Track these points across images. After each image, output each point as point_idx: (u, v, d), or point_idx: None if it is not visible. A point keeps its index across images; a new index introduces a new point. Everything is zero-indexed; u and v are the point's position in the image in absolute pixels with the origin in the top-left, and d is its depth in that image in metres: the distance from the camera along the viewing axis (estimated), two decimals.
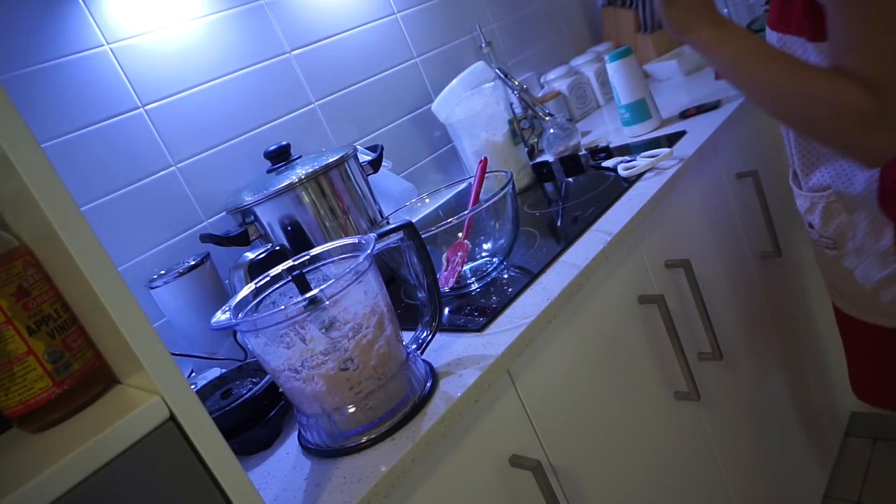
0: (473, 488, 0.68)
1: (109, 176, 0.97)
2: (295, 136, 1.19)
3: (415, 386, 0.68)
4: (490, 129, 1.26)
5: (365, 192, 1.07)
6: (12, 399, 0.45)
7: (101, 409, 0.46)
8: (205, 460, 0.45)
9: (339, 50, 1.29)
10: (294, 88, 1.21)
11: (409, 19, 1.43)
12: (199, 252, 1.00)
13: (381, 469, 0.59)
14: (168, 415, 0.44)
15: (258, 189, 0.99)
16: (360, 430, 0.64)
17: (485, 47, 1.55)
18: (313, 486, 0.61)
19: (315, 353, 0.61)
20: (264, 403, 0.75)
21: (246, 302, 0.68)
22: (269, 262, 0.81)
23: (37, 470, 0.39)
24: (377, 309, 0.65)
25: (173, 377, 0.44)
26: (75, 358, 0.47)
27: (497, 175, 0.95)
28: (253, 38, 1.16)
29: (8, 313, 0.44)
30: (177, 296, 0.93)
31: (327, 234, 1.01)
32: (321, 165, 0.98)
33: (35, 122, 0.91)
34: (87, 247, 0.42)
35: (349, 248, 0.72)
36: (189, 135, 1.06)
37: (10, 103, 0.41)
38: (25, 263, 0.46)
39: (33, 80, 0.91)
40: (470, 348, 0.73)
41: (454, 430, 0.66)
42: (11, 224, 0.50)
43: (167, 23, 1.04)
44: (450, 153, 1.48)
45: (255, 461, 0.72)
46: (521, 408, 0.74)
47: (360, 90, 1.32)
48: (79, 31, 0.95)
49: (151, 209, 1.00)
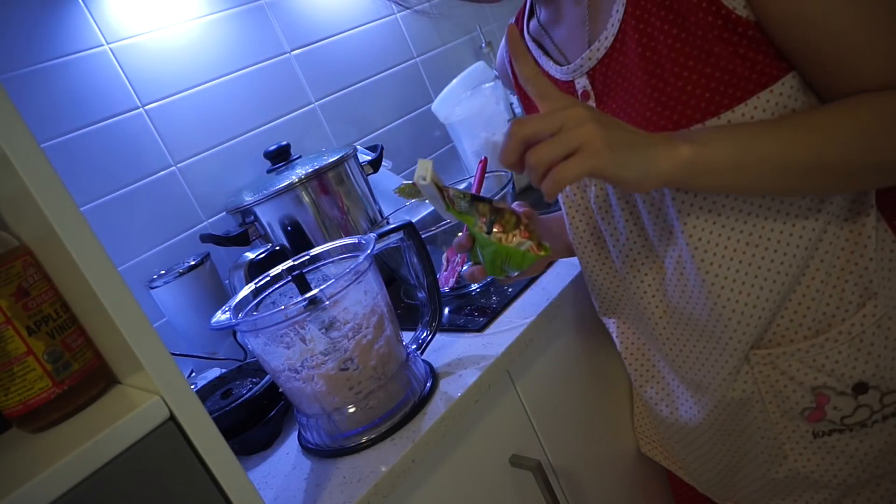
0: (473, 488, 0.68)
1: (109, 176, 0.97)
2: (295, 136, 1.19)
3: (415, 386, 0.68)
4: (490, 129, 1.26)
5: (365, 192, 1.07)
6: (12, 399, 0.45)
7: (100, 409, 0.46)
8: (205, 460, 0.45)
9: (339, 50, 1.29)
10: (294, 88, 1.21)
11: (409, 19, 1.43)
12: (199, 252, 1.00)
13: (381, 469, 0.59)
14: (168, 415, 0.44)
15: (258, 189, 0.98)
16: (360, 430, 0.64)
17: (485, 47, 1.55)
18: (313, 486, 0.61)
19: (315, 353, 0.61)
20: (264, 403, 0.75)
21: (246, 302, 0.68)
22: (269, 262, 0.81)
23: (37, 470, 0.39)
24: (377, 309, 0.65)
25: (173, 377, 0.44)
26: (75, 358, 0.47)
27: (497, 175, 0.95)
28: (253, 38, 1.16)
29: (8, 313, 0.44)
30: (177, 296, 0.93)
31: (327, 234, 1.01)
32: (321, 165, 0.98)
33: (35, 122, 0.91)
34: (86, 247, 0.42)
35: (349, 248, 0.72)
36: (189, 135, 1.06)
37: (10, 103, 0.40)
38: (25, 263, 0.46)
39: (33, 79, 0.91)
40: (470, 348, 0.73)
41: (454, 430, 0.66)
42: (11, 224, 0.50)
43: (167, 22, 1.04)
44: (450, 153, 1.48)
45: (255, 461, 0.72)
46: (522, 408, 0.74)
47: (360, 90, 1.32)
48: (78, 31, 0.95)
49: (151, 209, 1.00)
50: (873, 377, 0.56)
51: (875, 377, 0.56)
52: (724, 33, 0.50)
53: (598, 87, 0.61)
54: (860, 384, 0.57)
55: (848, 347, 0.56)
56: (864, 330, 0.55)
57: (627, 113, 0.58)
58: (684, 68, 0.53)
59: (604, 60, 0.59)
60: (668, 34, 0.53)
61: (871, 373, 0.56)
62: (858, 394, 0.57)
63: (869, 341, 0.56)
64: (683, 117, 0.54)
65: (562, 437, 0.78)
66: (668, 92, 0.54)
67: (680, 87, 0.53)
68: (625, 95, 0.59)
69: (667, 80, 0.54)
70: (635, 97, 0.57)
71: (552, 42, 0.67)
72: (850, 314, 0.56)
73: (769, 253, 0.55)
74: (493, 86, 1.28)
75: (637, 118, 0.57)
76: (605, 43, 0.58)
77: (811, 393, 0.58)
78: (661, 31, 0.54)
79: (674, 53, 0.53)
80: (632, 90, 0.57)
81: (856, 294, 0.56)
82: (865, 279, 0.55)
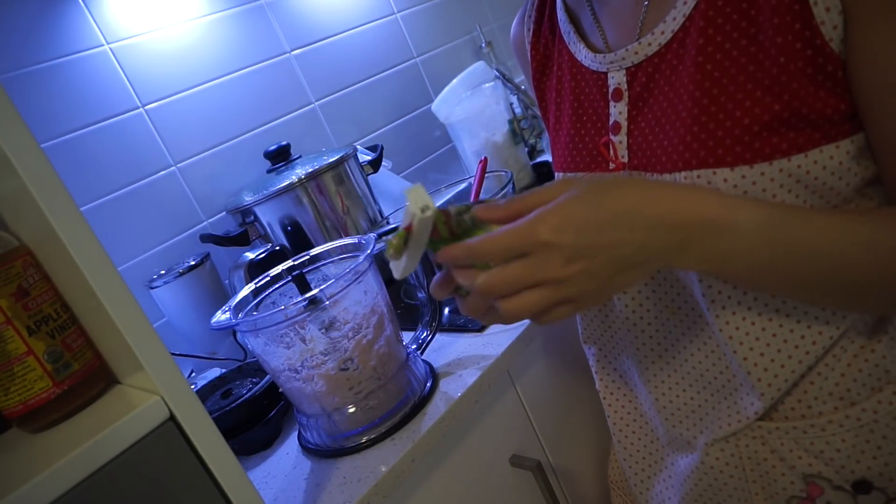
0: (473, 488, 0.68)
1: (109, 176, 0.97)
2: (295, 136, 1.19)
3: (415, 386, 0.68)
4: (490, 129, 1.26)
5: (365, 192, 1.07)
6: (12, 399, 0.45)
7: (100, 410, 0.46)
8: (205, 460, 0.45)
9: (339, 50, 1.29)
10: (294, 88, 1.21)
11: (409, 19, 1.43)
12: (199, 252, 1.00)
13: (381, 469, 0.59)
14: (168, 415, 0.44)
15: (258, 189, 0.98)
16: (360, 430, 0.64)
17: (485, 47, 1.55)
18: (313, 486, 0.61)
19: (315, 353, 0.61)
20: (264, 403, 0.75)
21: (246, 302, 0.68)
22: (269, 262, 0.81)
23: (37, 470, 0.39)
24: (377, 309, 0.65)
25: (173, 377, 0.44)
26: (75, 358, 0.47)
27: (497, 175, 0.95)
28: (253, 38, 1.16)
29: (8, 313, 0.44)
30: (177, 296, 0.93)
31: (327, 234, 1.01)
32: (321, 165, 0.98)
33: (35, 122, 0.91)
34: (86, 247, 0.42)
35: (349, 248, 0.72)
36: (189, 135, 1.06)
37: (9, 103, 0.40)
38: (25, 263, 0.46)
39: (33, 80, 0.91)
40: (470, 348, 0.73)
41: (454, 430, 0.66)
42: (11, 224, 0.50)
43: (167, 22, 1.04)
44: (450, 153, 1.48)
45: (255, 461, 0.72)
46: (522, 408, 0.74)
47: (360, 90, 1.32)
48: (78, 31, 0.95)
49: (151, 209, 1.00)
50: (880, 477, 0.46)
51: (882, 477, 0.46)
52: (809, 68, 0.41)
53: (635, 89, 0.51)
54: (863, 482, 0.47)
55: (855, 436, 0.46)
56: (878, 419, 0.46)
57: (663, 128, 0.49)
58: (749, 96, 0.43)
59: (653, 59, 0.49)
60: (742, 50, 0.43)
61: (878, 471, 0.46)
62: (858, 493, 0.47)
63: (881, 433, 0.46)
64: (729, 153, 0.44)
65: (562, 437, 0.78)
66: (719, 119, 0.44)
67: (737, 117, 0.43)
68: (665, 107, 0.49)
69: (723, 104, 0.44)
70: (677, 113, 0.47)
71: (592, 15, 0.55)
72: (862, 398, 0.46)
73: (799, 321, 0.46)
74: (493, 86, 1.28)
75: (672, 137, 0.48)
76: (659, 38, 0.48)
77: (802, 480, 0.49)
78: (733, 44, 0.44)
79: (742, 76, 0.43)
80: (675, 103, 0.47)
81: (873, 376, 0.46)
82: (889, 360, 0.46)
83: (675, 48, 0.47)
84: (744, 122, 0.43)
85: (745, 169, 0.43)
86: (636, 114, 0.51)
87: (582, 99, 0.57)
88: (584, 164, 0.57)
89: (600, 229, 0.38)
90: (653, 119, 0.49)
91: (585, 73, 0.55)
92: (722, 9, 0.44)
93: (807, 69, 0.41)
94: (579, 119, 0.57)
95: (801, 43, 0.40)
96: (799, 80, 0.41)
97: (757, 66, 0.43)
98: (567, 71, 0.58)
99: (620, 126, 0.53)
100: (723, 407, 0.51)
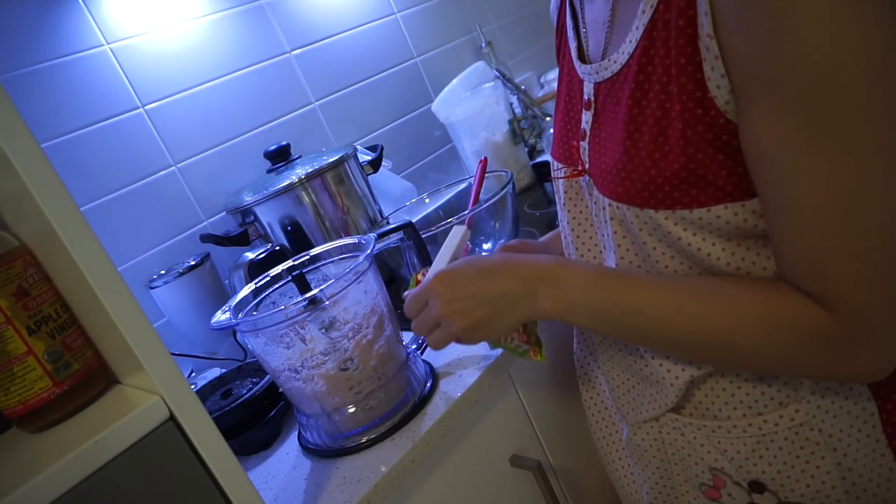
0: (473, 488, 0.68)
1: (109, 176, 0.97)
2: (295, 136, 1.19)
3: (415, 386, 0.68)
4: (490, 129, 1.26)
5: (365, 192, 1.07)
6: (12, 399, 0.45)
7: (100, 410, 0.46)
8: (205, 460, 0.45)
9: (339, 50, 1.29)
10: (294, 88, 1.21)
11: (409, 19, 1.43)
12: (199, 252, 1.00)
13: (381, 469, 0.59)
14: (168, 415, 0.44)
15: (258, 189, 0.98)
16: (360, 430, 0.64)
17: (485, 47, 1.55)
18: (313, 486, 0.61)
19: (315, 353, 0.61)
20: (264, 403, 0.75)
21: (246, 302, 0.68)
22: (269, 262, 0.81)
23: (37, 470, 0.39)
24: (377, 309, 0.65)
25: (173, 377, 0.44)
26: (75, 358, 0.47)
27: (497, 175, 0.95)
28: (253, 38, 1.16)
29: (8, 313, 0.44)
30: (177, 296, 0.93)
31: (327, 234, 1.01)
32: (321, 165, 0.98)
33: (35, 122, 0.91)
34: (86, 247, 0.42)
35: (349, 248, 0.72)
36: (189, 135, 1.06)
37: (10, 103, 0.40)
38: (25, 263, 0.46)
39: (33, 79, 0.91)
40: (470, 348, 0.73)
41: (454, 430, 0.66)
42: (11, 224, 0.50)
43: (167, 23, 1.04)
44: (450, 153, 1.48)
45: (255, 461, 0.72)
46: (522, 408, 0.74)
47: (360, 90, 1.32)
48: (78, 31, 0.95)
49: (151, 209, 1.00)
50: (772, 481, 0.51)
51: (774, 482, 0.51)
52: (709, 133, 0.43)
53: (598, 104, 0.54)
54: (757, 483, 0.52)
55: (756, 442, 0.51)
56: (778, 431, 0.50)
57: (608, 150, 0.52)
58: (658, 149, 0.46)
59: (610, 80, 0.51)
60: (652, 110, 0.46)
61: (771, 476, 0.51)
62: (753, 491, 0.52)
63: (778, 444, 0.50)
64: (639, 196, 0.48)
65: (562, 437, 0.78)
66: (635, 162, 0.48)
67: (647, 166, 0.47)
68: (610, 131, 0.52)
69: (638, 150, 0.47)
70: (615, 141, 0.51)
71: (582, 21, 0.57)
72: (768, 410, 0.50)
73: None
74: (493, 86, 1.28)
75: (609, 162, 0.51)
76: (613, 66, 0.50)
77: (709, 471, 0.54)
78: (648, 101, 0.47)
79: (653, 131, 0.46)
80: (616, 132, 0.50)
81: (781, 392, 0.50)
82: (797, 381, 0.49)
83: (622, 78, 0.49)
84: (651, 173, 0.47)
85: (650, 212, 0.48)
86: (596, 127, 0.54)
87: (572, 96, 0.60)
88: (563, 158, 0.61)
89: (471, 280, 0.54)
90: (605, 137, 0.53)
91: (574, 75, 0.58)
92: (644, 67, 0.46)
93: (706, 134, 0.43)
94: (567, 115, 0.60)
95: (702, 109, 0.42)
96: (696, 145, 0.43)
97: (660, 129, 0.45)
98: (566, 64, 0.61)
99: (586, 134, 0.56)
100: (647, 394, 0.57)
